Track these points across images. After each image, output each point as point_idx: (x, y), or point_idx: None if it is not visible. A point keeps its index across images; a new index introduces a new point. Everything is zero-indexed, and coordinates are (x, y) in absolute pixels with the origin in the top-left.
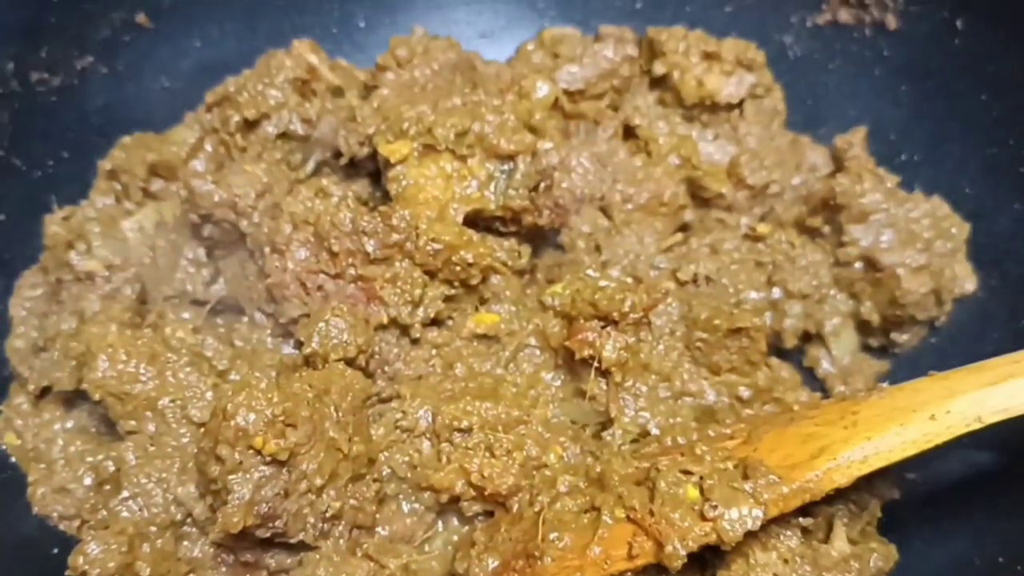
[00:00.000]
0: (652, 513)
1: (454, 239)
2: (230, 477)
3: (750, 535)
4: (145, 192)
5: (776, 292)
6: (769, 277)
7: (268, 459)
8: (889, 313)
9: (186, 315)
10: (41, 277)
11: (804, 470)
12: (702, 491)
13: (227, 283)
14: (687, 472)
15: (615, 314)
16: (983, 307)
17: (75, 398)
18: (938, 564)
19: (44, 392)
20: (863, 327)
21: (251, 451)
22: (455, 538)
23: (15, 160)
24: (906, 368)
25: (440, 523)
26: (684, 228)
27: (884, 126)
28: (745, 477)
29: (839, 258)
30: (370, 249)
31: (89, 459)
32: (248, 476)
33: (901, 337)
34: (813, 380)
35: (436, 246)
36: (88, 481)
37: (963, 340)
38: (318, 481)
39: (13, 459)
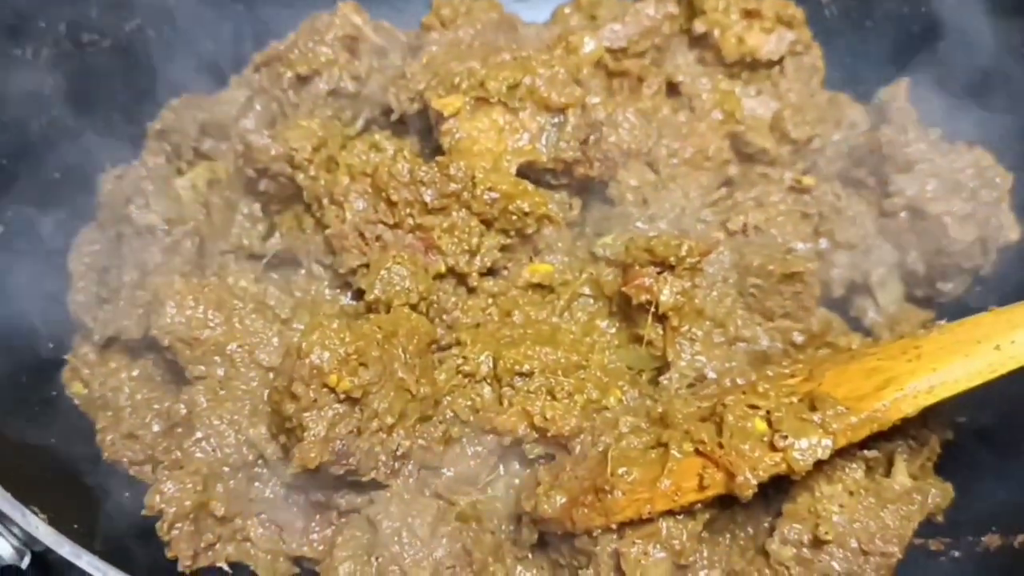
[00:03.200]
0: (721, 446)
1: (511, 188)
2: (305, 414)
3: (816, 467)
4: (196, 152)
5: (823, 242)
6: (816, 228)
7: (342, 397)
8: (935, 262)
9: (235, 268)
10: (99, 234)
11: (871, 401)
12: (770, 424)
13: (283, 237)
14: (753, 407)
15: (672, 259)
16: None
17: (140, 347)
18: (991, 504)
19: (109, 343)
20: (908, 277)
21: (325, 389)
22: (516, 481)
23: (68, 121)
24: (950, 317)
25: (501, 467)
26: (728, 183)
27: (922, 82)
28: (812, 409)
29: (884, 209)
30: (428, 199)
31: (156, 406)
32: (322, 413)
33: (946, 286)
34: (858, 330)
35: (493, 195)
36: (156, 427)
37: (1006, 289)
38: (389, 420)
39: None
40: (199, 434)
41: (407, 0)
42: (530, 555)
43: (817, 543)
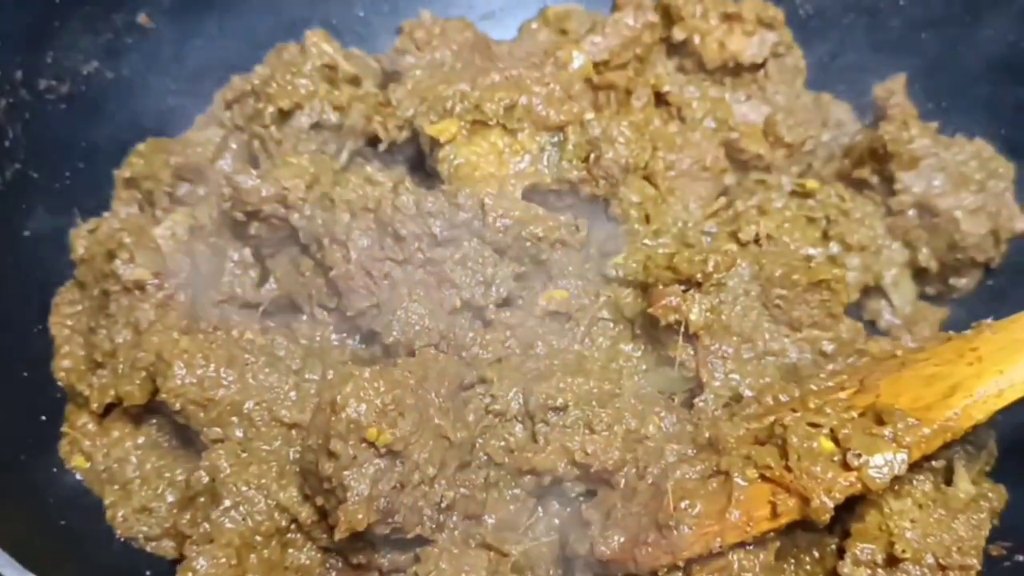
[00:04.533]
0: (789, 469)
1: (523, 213)
2: (345, 473)
3: None
4: (171, 197)
5: (834, 247)
6: (824, 232)
7: (382, 451)
8: (948, 258)
9: (237, 319)
10: (78, 293)
11: (941, 410)
12: (836, 442)
13: (278, 282)
14: (814, 424)
15: (698, 276)
16: None
17: (143, 413)
18: None
19: (107, 410)
20: (920, 275)
21: (364, 444)
22: (556, 521)
23: (32, 172)
24: (965, 312)
25: (540, 508)
26: (725, 192)
27: (907, 76)
28: (880, 423)
29: (892, 207)
30: (437, 231)
31: (167, 475)
32: (363, 471)
33: (960, 281)
34: (874, 334)
35: (506, 222)
36: (171, 498)
37: (1019, 280)
38: (431, 471)
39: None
40: (227, 502)
41: (368, 26)
42: None
43: (892, 561)
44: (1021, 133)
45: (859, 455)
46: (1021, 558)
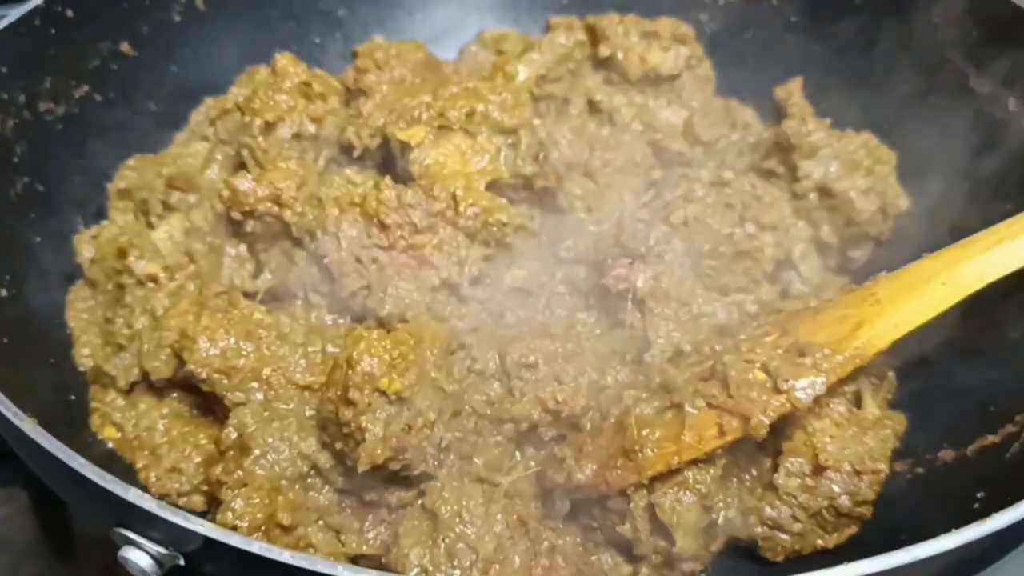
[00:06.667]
0: (731, 397)
1: (489, 203)
2: (363, 417)
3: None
4: (165, 205)
5: (750, 227)
6: (741, 215)
7: (392, 398)
8: (845, 233)
9: (243, 304)
10: (89, 290)
11: (851, 341)
12: (768, 372)
13: (272, 273)
14: (749, 361)
15: (642, 249)
16: (913, 220)
17: (165, 387)
18: (939, 427)
19: (132, 387)
20: (822, 249)
21: (377, 392)
22: (532, 464)
23: (38, 186)
24: (862, 279)
25: (517, 453)
26: (654, 185)
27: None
28: (801, 355)
29: (796, 192)
30: (417, 220)
31: (191, 440)
32: (377, 415)
33: (856, 253)
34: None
35: (475, 210)
36: (196, 459)
37: (903, 250)
38: (431, 416)
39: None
40: (256, 452)
41: (323, 51)
42: (561, 525)
43: (818, 470)
44: (899, 127)
45: (787, 380)
46: (920, 470)
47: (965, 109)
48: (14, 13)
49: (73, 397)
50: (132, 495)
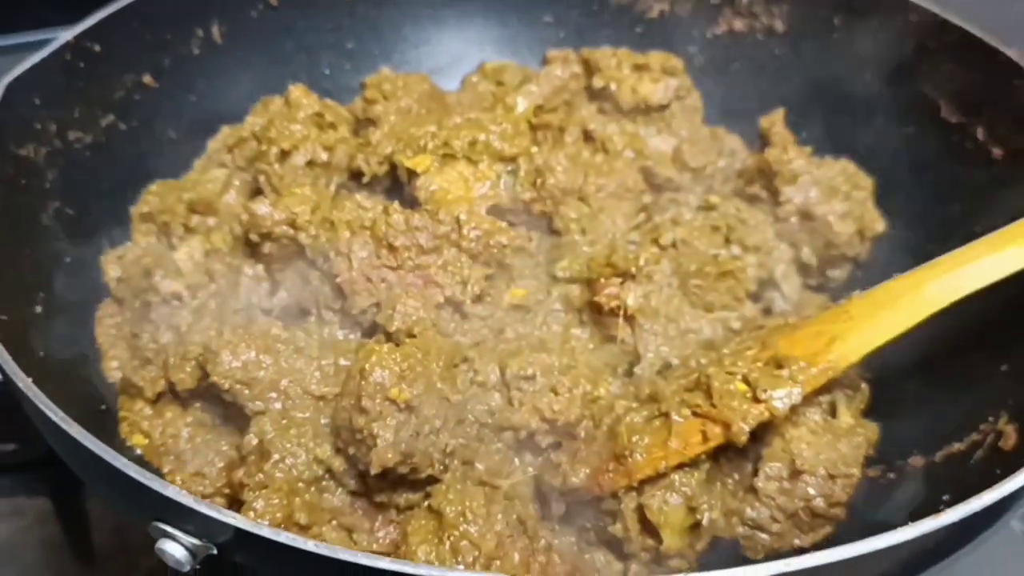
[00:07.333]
0: (714, 406)
1: (491, 226)
2: (374, 424)
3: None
4: (186, 228)
5: (735, 249)
6: (727, 237)
7: (401, 407)
8: (824, 254)
9: (261, 320)
10: (115, 307)
11: (825, 355)
12: (748, 384)
13: (287, 291)
14: (731, 374)
15: (632, 269)
16: (890, 242)
17: (190, 398)
18: (909, 435)
19: (158, 397)
20: (803, 269)
21: (387, 401)
22: (530, 468)
23: (68, 210)
24: (841, 297)
25: (516, 458)
26: (644, 209)
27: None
28: (779, 367)
29: (778, 216)
30: (423, 242)
31: (214, 446)
32: (388, 422)
33: (834, 273)
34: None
35: (478, 232)
36: (219, 464)
37: (878, 271)
38: (437, 423)
39: None
40: (276, 456)
41: (333, 82)
42: (557, 525)
43: (795, 474)
44: (876, 154)
45: (765, 391)
46: (892, 475)
47: (937, 138)
48: (47, 49)
49: (104, 407)
50: (171, 491)
